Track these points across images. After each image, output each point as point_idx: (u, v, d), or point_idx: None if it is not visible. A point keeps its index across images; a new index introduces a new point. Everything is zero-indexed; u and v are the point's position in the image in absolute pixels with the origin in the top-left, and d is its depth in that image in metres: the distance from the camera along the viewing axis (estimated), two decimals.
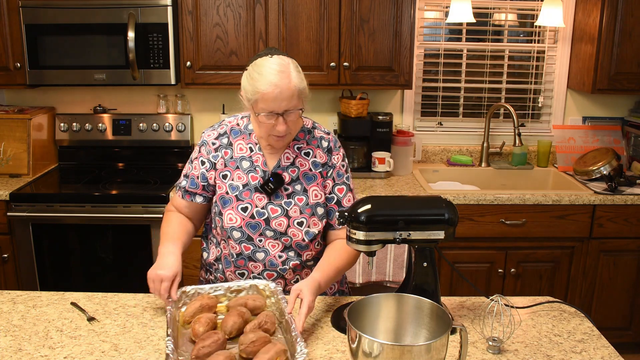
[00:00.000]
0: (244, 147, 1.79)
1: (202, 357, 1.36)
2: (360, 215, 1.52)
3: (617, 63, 3.04)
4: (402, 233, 1.53)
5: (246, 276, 1.80)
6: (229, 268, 1.81)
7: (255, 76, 1.62)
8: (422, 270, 1.58)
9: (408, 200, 1.61)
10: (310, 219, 1.77)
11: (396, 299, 1.37)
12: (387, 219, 1.53)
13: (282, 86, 1.60)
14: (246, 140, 1.79)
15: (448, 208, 1.55)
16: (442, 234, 1.54)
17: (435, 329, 1.31)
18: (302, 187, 1.77)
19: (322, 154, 1.82)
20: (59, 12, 2.88)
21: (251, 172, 1.77)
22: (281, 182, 1.75)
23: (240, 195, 1.76)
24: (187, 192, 1.82)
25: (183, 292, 1.65)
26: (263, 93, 1.60)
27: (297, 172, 1.78)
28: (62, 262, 2.86)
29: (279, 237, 1.75)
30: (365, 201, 1.54)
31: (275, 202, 1.75)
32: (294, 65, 1.65)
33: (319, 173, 1.80)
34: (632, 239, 2.94)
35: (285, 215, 1.75)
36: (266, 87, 1.59)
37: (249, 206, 1.75)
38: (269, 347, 1.35)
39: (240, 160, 1.78)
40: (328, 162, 1.82)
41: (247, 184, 1.76)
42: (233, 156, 1.78)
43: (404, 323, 1.37)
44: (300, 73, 1.65)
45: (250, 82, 1.63)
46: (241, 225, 1.74)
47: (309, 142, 1.81)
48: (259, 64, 1.63)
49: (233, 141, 1.79)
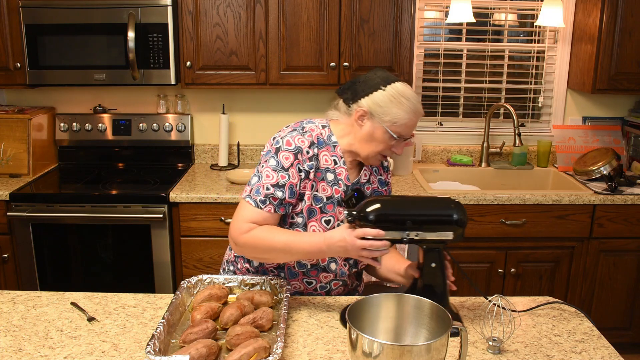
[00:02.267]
0: (329, 159, 1.74)
1: (188, 342, 1.41)
2: (369, 214, 1.52)
3: (617, 63, 3.04)
4: (410, 233, 1.53)
5: (313, 285, 1.80)
6: (295, 278, 1.78)
7: (402, 100, 1.66)
8: (431, 270, 1.58)
9: (417, 201, 1.60)
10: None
11: (396, 299, 1.37)
12: (396, 218, 1.53)
13: (420, 115, 1.71)
14: (330, 152, 1.74)
15: (457, 209, 1.55)
16: (451, 234, 1.54)
17: (436, 329, 1.32)
18: None
19: (383, 172, 1.90)
20: (59, 12, 2.88)
21: (335, 185, 1.74)
22: (362, 198, 1.71)
23: (324, 207, 1.73)
24: (282, 204, 1.66)
25: (199, 279, 1.72)
26: (409, 119, 1.67)
27: (371, 189, 1.84)
28: (62, 262, 2.86)
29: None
30: (374, 201, 1.55)
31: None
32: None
33: (385, 191, 1.89)
34: (632, 239, 2.94)
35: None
36: (412, 115, 1.67)
37: (332, 219, 1.75)
38: (250, 342, 1.37)
39: (326, 172, 1.73)
40: (388, 179, 1.92)
41: (331, 196, 1.74)
42: (319, 167, 1.72)
43: (404, 323, 1.37)
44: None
45: (396, 104, 1.65)
46: None
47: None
48: (401, 90, 1.67)
49: (319, 152, 1.72)
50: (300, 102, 3.39)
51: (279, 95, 3.36)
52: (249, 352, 1.34)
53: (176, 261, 2.89)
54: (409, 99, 1.66)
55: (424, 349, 1.18)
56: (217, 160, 3.39)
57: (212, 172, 3.22)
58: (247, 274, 1.85)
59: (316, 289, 1.81)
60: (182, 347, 1.41)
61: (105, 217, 2.79)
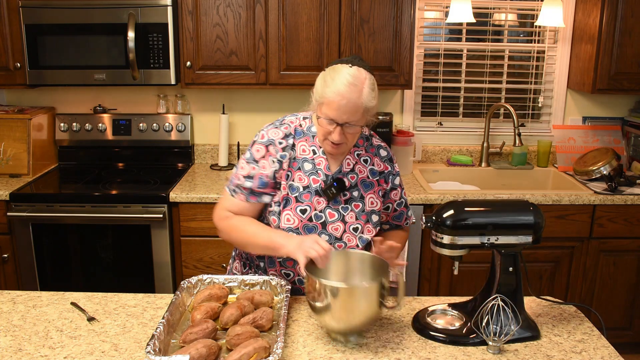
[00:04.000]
0: (307, 149, 1.76)
1: (188, 342, 1.41)
2: (446, 219, 1.53)
3: (617, 63, 3.04)
4: (490, 237, 1.53)
5: (291, 277, 1.79)
6: (272, 267, 1.80)
7: (328, 80, 1.63)
8: (508, 274, 1.57)
9: (494, 205, 1.59)
10: (365, 225, 1.78)
11: (344, 254, 1.64)
12: (474, 223, 1.53)
13: (349, 98, 1.60)
14: (309, 142, 1.77)
15: (535, 212, 1.55)
16: (530, 238, 1.54)
17: (376, 276, 1.57)
18: (359, 194, 1.78)
19: (380, 162, 1.83)
20: (59, 12, 2.88)
21: (313, 175, 1.75)
22: (343, 187, 1.74)
23: (300, 197, 1.73)
24: (253, 193, 1.74)
25: (199, 279, 1.72)
26: (329, 100, 1.61)
27: (356, 179, 1.78)
28: (62, 262, 2.86)
29: (334, 242, 1.75)
30: (449, 205, 1.55)
31: (333, 207, 1.75)
32: (370, 82, 1.64)
33: (377, 181, 1.82)
34: (632, 239, 2.94)
35: (342, 221, 1.75)
36: (333, 96, 1.60)
37: (308, 208, 1.73)
38: (249, 342, 1.37)
39: (303, 162, 1.75)
40: (391, 170, 1.85)
41: (308, 186, 1.74)
42: (296, 157, 1.75)
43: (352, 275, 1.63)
44: (373, 91, 1.66)
45: (322, 84, 1.64)
46: (298, 226, 1.72)
47: (367, 150, 1.82)
48: (336, 70, 1.64)
49: (296, 142, 1.76)
50: (300, 102, 3.35)
51: (279, 95, 3.36)
52: (249, 352, 1.35)
53: (176, 261, 2.89)
54: (336, 79, 1.60)
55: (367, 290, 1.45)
56: (217, 160, 3.39)
57: (212, 172, 3.22)
58: (243, 271, 1.89)
59: (295, 282, 1.79)
60: (182, 347, 1.41)
61: (105, 217, 2.79)
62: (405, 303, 1.73)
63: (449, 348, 1.50)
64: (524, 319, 1.56)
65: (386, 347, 1.49)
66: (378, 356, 1.45)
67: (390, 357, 1.45)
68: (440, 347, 1.50)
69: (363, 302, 1.45)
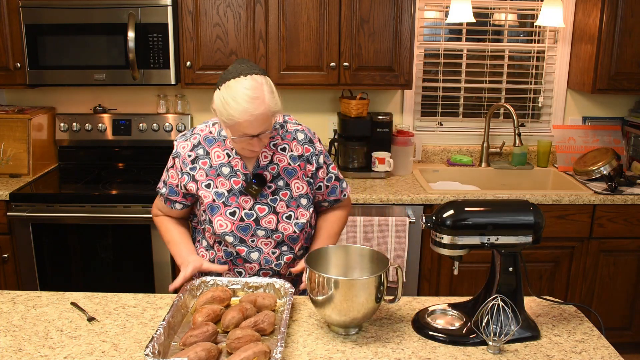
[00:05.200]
0: (221, 154, 1.78)
1: (188, 345, 1.41)
2: (446, 219, 1.53)
3: (617, 63, 3.04)
4: (490, 237, 1.53)
5: (243, 275, 1.83)
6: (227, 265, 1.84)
7: (229, 102, 1.58)
8: (508, 274, 1.57)
9: (493, 205, 1.59)
10: (297, 210, 1.80)
11: (344, 249, 1.67)
12: (474, 223, 1.53)
13: (256, 114, 1.57)
14: (222, 147, 1.78)
15: (535, 212, 1.55)
16: (530, 238, 1.54)
17: (376, 270, 1.62)
18: (284, 182, 1.80)
19: (299, 146, 1.81)
20: (59, 12, 2.88)
21: (233, 177, 1.77)
22: (264, 182, 1.77)
23: (227, 201, 1.77)
24: (167, 199, 1.86)
25: (202, 281, 1.72)
26: (238, 120, 1.58)
27: (277, 169, 1.79)
28: (62, 262, 2.86)
29: (271, 234, 1.78)
30: (449, 205, 1.55)
31: (262, 202, 1.78)
32: (267, 87, 1.61)
33: (298, 166, 1.81)
34: (632, 239, 2.94)
35: (274, 212, 1.78)
36: (240, 116, 1.57)
37: (237, 210, 1.77)
38: (250, 346, 1.37)
39: (220, 167, 1.78)
40: (313, 150, 1.82)
41: (231, 189, 1.77)
42: (212, 164, 1.78)
43: (351, 268, 1.67)
44: (273, 93, 1.62)
45: (224, 106, 1.59)
46: (232, 229, 1.77)
47: (284, 137, 1.81)
48: (233, 88, 1.58)
49: (209, 150, 1.78)
50: (300, 102, 3.39)
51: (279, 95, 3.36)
52: (248, 356, 1.34)
53: None
54: (236, 99, 1.56)
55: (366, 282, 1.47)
56: None
57: None
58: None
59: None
60: (182, 349, 1.41)
61: (105, 217, 2.79)
62: (403, 297, 1.74)
63: (449, 348, 1.50)
64: (524, 319, 1.56)
65: (386, 347, 1.49)
66: (378, 356, 1.45)
67: (390, 357, 1.45)
68: (440, 347, 1.51)
69: (363, 294, 1.47)
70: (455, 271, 1.64)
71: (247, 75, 1.60)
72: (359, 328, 1.57)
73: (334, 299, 1.47)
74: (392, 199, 2.82)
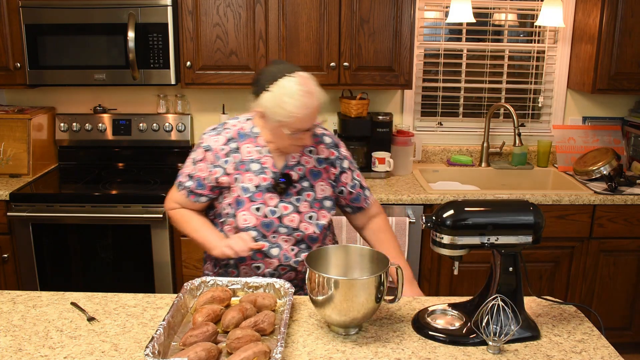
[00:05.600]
0: (252, 150, 1.83)
1: (188, 345, 1.41)
2: (446, 219, 1.53)
3: (617, 63, 3.04)
4: (490, 237, 1.54)
5: (262, 269, 1.84)
6: (243, 262, 1.85)
7: (285, 99, 1.65)
8: (508, 274, 1.57)
9: (493, 205, 1.59)
10: (319, 212, 1.84)
11: (344, 249, 1.67)
12: (474, 223, 1.53)
13: (312, 107, 1.68)
14: (254, 144, 1.83)
15: (535, 212, 1.55)
16: (530, 238, 1.54)
17: (376, 270, 1.62)
18: (309, 184, 1.85)
19: (325, 149, 1.89)
20: (59, 12, 2.88)
21: (261, 174, 1.81)
22: (291, 181, 1.82)
23: (252, 196, 1.80)
24: (192, 193, 1.86)
25: (202, 281, 1.72)
26: (297, 116, 1.67)
27: (304, 170, 1.84)
28: (62, 262, 2.86)
29: (292, 232, 1.81)
30: (449, 205, 1.55)
31: (286, 200, 1.82)
32: (312, 81, 1.71)
33: (324, 169, 1.87)
34: (632, 239, 2.94)
35: (297, 212, 1.82)
36: (299, 111, 1.66)
37: (262, 206, 1.80)
38: (249, 346, 1.37)
39: (250, 163, 1.82)
40: (338, 155, 1.91)
41: (259, 185, 1.81)
42: (242, 159, 1.82)
43: (351, 268, 1.67)
44: (318, 86, 1.72)
45: (280, 105, 1.66)
46: (256, 224, 1.80)
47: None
48: (286, 86, 1.66)
49: (240, 144, 1.83)
50: None
51: None
52: (248, 356, 1.34)
53: (176, 261, 2.89)
54: (292, 95, 1.65)
55: (366, 282, 1.48)
56: None
57: None
58: (214, 271, 1.95)
59: (265, 275, 1.84)
60: (182, 349, 1.41)
61: (105, 217, 2.79)
62: (403, 297, 1.74)
63: (449, 348, 1.50)
64: (524, 319, 1.56)
65: (386, 347, 1.49)
66: (378, 356, 1.45)
67: (390, 357, 1.45)
68: (440, 347, 1.51)
69: (363, 294, 1.47)
70: (455, 271, 1.64)
71: (292, 72, 1.69)
72: (359, 328, 1.57)
73: (334, 299, 1.47)
74: (392, 199, 2.82)
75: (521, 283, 1.58)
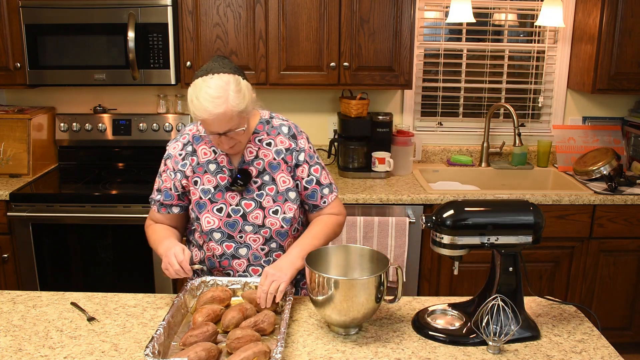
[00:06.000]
0: (208, 151, 1.81)
1: (188, 345, 1.41)
2: (446, 219, 1.53)
3: (617, 63, 3.04)
4: (490, 237, 1.54)
5: (232, 275, 1.83)
6: (214, 268, 1.86)
7: (193, 100, 1.61)
8: (508, 274, 1.57)
9: (493, 205, 1.59)
10: (284, 205, 1.80)
11: (344, 249, 1.68)
12: (474, 223, 1.53)
13: (217, 113, 1.59)
14: (209, 145, 1.81)
15: (535, 212, 1.55)
16: (530, 238, 1.54)
17: (376, 270, 1.62)
18: (270, 177, 1.81)
19: (284, 139, 1.82)
20: (59, 12, 2.88)
21: (219, 174, 1.80)
22: (249, 177, 1.79)
23: (213, 197, 1.79)
24: (162, 205, 1.85)
25: (202, 281, 1.72)
26: (202, 118, 1.62)
27: (263, 164, 1.80)
28: (62, 262, 2.86)
29: (258, 230, 1.79)
30: (449, 205, 1.55)
31: (248, 197, 1.79)
32: (234, 85, 1.61)
33: (282, 160, 1.81)
34: (632, 239, 2.94)
35: (260, 207, 1.79)
36: (202, 114, 1.60)
37: (224, 206, 1.79)
38: (249, 346, 1.37)
39: (207, 164, 1.80)
40: (295, 146, 1.82)
41: (218, 185, 1.79)
42: (199, 161, 1.81)
43: (351, 268, 1.68)
44: (240, 92, 1.62)
45: (190, 104, 1.63)
46: (219, 225, 1.79)
47: (269, 132, 1.83)
48: (198, 86, 1.61)
49: (196, 147, 1.82)
50: (300, 102, 3.38)
51: (279, 95, 3.36)
52: (248, 356, 1.34)
53: None
54: (198, 97, 1.59)
55: (366, 282, 1.48)
56: None
57: None
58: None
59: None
60: (183, 349, 1.41)
61: (105, 217, 2.79)
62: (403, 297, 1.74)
63: (449, 348, 1.50)
64: (524, 319, 1.56)
65: (386, 347, 1.49)
66: (378, 356, 1.45)
67: (390, 357, 1.45)
68: (440, 347, 1.51)
69: (363, 294, 1.47)
70: (455, 271, 1.64)
71: (215, 74, 1.61)
72: (359, 328, 1.57)
73: (334, 299, 1.47)
74: (392, 199, 2.82)
75: (521, 283, 1.58)
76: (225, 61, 1.66)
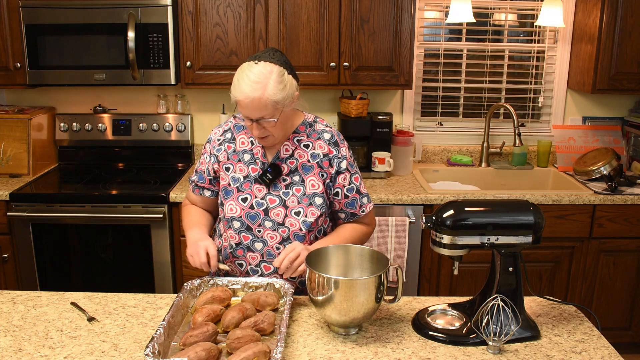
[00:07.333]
0: (246, 141, 1.86)
1: (188, 345, 1.41)
2: (446, 219, 1.53)
3: (617, 63, 3.04)
4: (490, 237, 1.54)
5: (244, 267, 1.83)
6: (227, 259, 1.86)
7: (235, 81, 1.67)
8: (508, 274, 1.57)
9: (493, 205, 1.59)
10: (308, 208, 1.80)
11: (344, 249, 1.68)
12: (474, 223, 1.53)
13: (253, 97, 1.63)
14: (248, 135, 1.86)
15: (535, 212, 1.55)
16: (530, 238, 1.54)
17: (376, 270, 1.62)
18: (300, 178, 1.81)
19: (324, 144, 1.83)
20: (59, 12, 2.88)
21: (252, 164, 1.83)
22: (279, 173, 1.80)
23: (240, 186, 1.82)
24: (197, 186, 1.92)
25: (202, 281, 1.72)
26: (238, 99, 1.67)
27: (296, 164, 1.82)
28: (62, 262, 2.86)
29: (277, 227, 1.79)
30: (449, 205, 1.55)
31: (274, 193, 1.80)
32: (276, 75, 1.65)
33: (317, 164, 1.81)
34: (632, 239, 2.94)
35: (283, 205, 1.79)
36: (239, 95, 1.65)
37: (249, 197, 1.81)
38: (249, 346, 1.37)
39: (242, 154, 1.84)
40: (336, 153, 1.82)
41: (248, 175, 1.82)
42: (236, 149, 1.85)
43: (351, 268, 1.68)
44: (281, 84, 1.65)
45: (233, 84, 1.68)
46: (241, 215, 1.80)
47: (309, 135, 1.84)
48: (242, 69, 1.67)
49: (236, 136, 1.87)
50: (300, 102, 3.37)
51: None
52: (248, 355, 1.34)
53: (176, 261, 2.89)
54: (240, 79, 1.65)
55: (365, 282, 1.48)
56: None
57: None
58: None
59: (248, 272, 1.83)
60: (182, 349, 1.41)
61: (105, 217, 2.79)
62: (403, 297, 1.74)
63: (449, 348, 1.50)
64: (524, 319, 1.56)
65: (386, 347, 1.49)
66: (378, 356, 1.45)
67: (390, 357, 1.45)
68: (440, 347, 1.51)
69: (363, 294, 1.47)
70: (455, 271, 1.64)
71: (262, 61, 1.66)
72: (359, 328, 1.57)
73: (334, 299, 1.47)
74: (392, 199, 2.82)
75: (521, 283, 1.58)
76: (277, 53, 1.70)
